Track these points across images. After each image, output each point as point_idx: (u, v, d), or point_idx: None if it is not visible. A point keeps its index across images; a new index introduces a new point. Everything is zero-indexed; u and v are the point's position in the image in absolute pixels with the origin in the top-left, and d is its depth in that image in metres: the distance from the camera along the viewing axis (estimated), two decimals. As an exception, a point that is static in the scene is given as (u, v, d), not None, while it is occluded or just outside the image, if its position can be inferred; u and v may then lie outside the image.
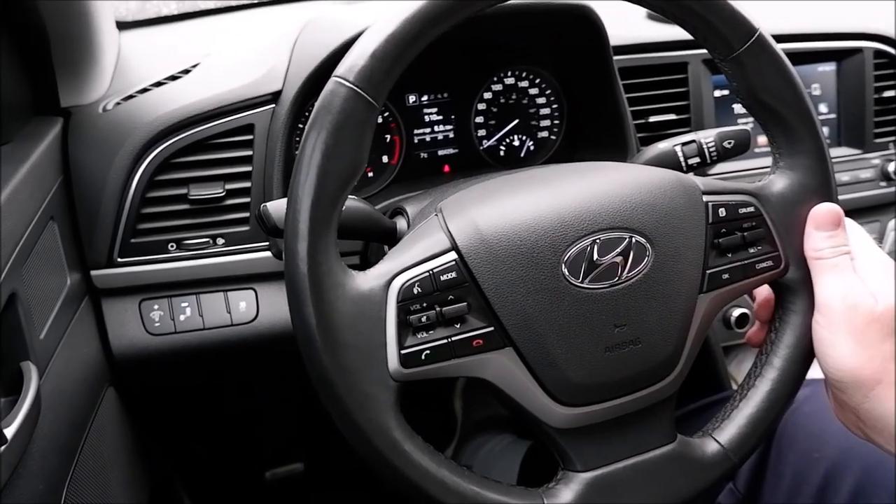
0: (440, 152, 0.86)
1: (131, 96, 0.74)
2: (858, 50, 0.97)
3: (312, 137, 0.45)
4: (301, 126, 0.75)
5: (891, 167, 0.98)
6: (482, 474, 0.50)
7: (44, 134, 0.67)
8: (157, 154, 0.70)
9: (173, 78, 0.78)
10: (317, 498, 1.19)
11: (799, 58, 0.96)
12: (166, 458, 0.97)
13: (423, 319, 0.46)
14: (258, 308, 0.73)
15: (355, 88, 0.45)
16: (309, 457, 1.16)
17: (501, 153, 0.88)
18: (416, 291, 0.46)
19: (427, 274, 0.47)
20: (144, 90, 0.75)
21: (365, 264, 0.51)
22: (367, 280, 0.46)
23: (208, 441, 1.09)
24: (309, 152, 0.44)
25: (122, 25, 0.92)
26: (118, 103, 0.73)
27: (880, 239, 1.00)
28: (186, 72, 0.79)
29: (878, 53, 0.98)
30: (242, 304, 0.72)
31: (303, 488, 1.17)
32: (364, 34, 0.46)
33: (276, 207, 0.53)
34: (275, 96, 0.73)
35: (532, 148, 0.89)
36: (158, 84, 0.76)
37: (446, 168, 0.87)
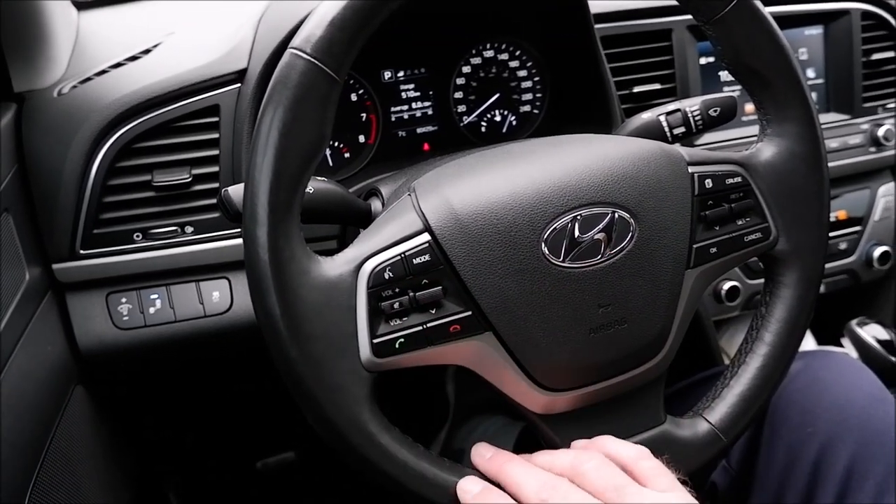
0: (419, 130, 0.83)
1: (88, 79, 0.71)
2: (846, 12, 0.95)
3: (268, 115, 0.42)
4: None
5: (880, 132, 0.96)
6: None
7: (-5, 121, 0.63)
8: (117, 139, 0.66)
9: (133, 59, 0.74)
10: (310, 487, 1.17)
11: (785, 21, 0.93)
12: (148, 453, 0.95)
13: (396, 306, 0.44)
14: (232, 298, 0.70)
15: (313, 60, 0.42)
16: (301, 445, 1.14)
17: (483, 129, 0.85)
18: (387, 276, 0.44)
19: (399, 257, 0.44)
20: (102, 72, 0.72)
21: (342, 249, 0.49)
22: (334, 266, 0.44)
23: (193, 434, 1.06)
24: (265, 131, 0.42)
25: (81, 6, 0.87)
26: (74, 87, 0.70)
27: (870, 207, 0.99)
28: (147, 52, 0.75)
29: (866, 15, 0.96)
30: (215, 294, 0.70)
31: (296, 477, 1.16)
32: (323, 2, 0.43)
33: (238, 192, 0.50)
34: (240, 75, 0.69)
35: (514, 123, 0.86)
36: (117, 65, 0.73)
37: (426, 146, 0.84)
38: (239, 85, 0.69)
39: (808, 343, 1.03)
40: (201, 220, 0.69)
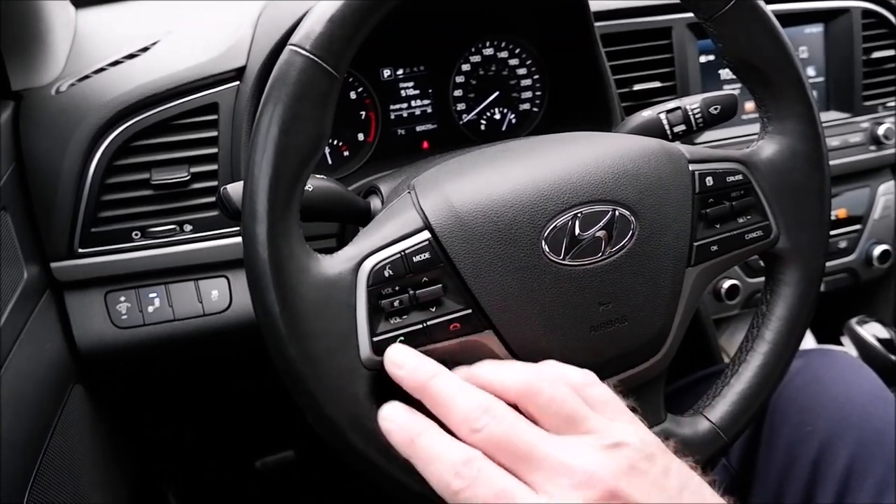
0: (419, 128, 0.83)
1: (86, 77, 0.70)
2: (846, 10, 0.95)
3: (268, 112, 0.41)
4: None
5: (881, 130, 0.96)
6: None
7: (-8, 119, 0.63)
8: (115, 137, 0.66)
9: (131, 56, 0.74)
10: (310, 486, 1.17)
11: (785, 19, 0.92)
12: (147, 452, 0.95)
13: (396, 304, 0.44)
14: (231, 296, 0.70)
15: (312, 57, 0.42)
16: (300, 444, 1.14)
17: (482, 127, 0.85)
18: (387, 274, 0.44)
19: (399, 255, 0.44)
20: (100, 70, 0.71)
21: (342, 247, 0.49)
22: (334, 264, 0.44)
23: (192, 433, 1.06)
24: (265, 128, 0.41)
25: (80, 3, 0.87)
26: (72, 85, 0.69)
27: (870, 206, 0.99)
28: (145, 50, 0.75)
29: (867, 13, 0.96)
30: (214, 292, 0.69)
31: (295, 476, 1.15)
32: None
33: (237, 190, 0.50)
34: (239, 72, 0.69)
35: (514, 121, 0.86)
36: (115, 63, 0.72)
37: (425, 144, 0.84)
38: (238, 83, 0.69)
39: (808, 342, 1.03)
40: (200, 218, 0.69)
